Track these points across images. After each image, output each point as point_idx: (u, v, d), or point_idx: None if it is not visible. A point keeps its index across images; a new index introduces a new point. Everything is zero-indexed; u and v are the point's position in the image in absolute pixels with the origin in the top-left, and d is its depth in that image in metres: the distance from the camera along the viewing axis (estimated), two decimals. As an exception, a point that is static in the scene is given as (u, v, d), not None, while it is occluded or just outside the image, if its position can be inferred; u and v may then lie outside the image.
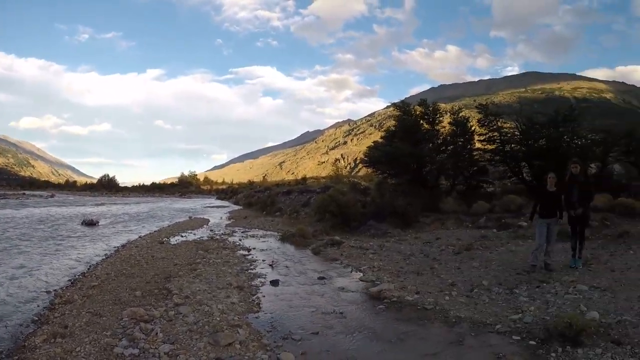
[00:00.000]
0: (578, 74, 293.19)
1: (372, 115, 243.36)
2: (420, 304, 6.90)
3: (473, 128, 23.46)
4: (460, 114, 23.92)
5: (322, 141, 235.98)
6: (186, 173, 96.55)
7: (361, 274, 9.31)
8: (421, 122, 23.49)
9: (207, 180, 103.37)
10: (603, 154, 21.81)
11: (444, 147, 22.95)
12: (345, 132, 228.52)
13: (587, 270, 8.50)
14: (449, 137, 23.19)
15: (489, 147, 22.55)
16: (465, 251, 10.99)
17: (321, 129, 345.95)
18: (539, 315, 6.02)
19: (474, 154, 22.98)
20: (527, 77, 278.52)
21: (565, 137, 20.87)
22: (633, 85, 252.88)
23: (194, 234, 17.19)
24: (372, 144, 25.41)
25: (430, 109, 23.74)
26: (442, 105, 27.13)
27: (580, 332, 5.01)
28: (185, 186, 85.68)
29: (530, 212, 9.32)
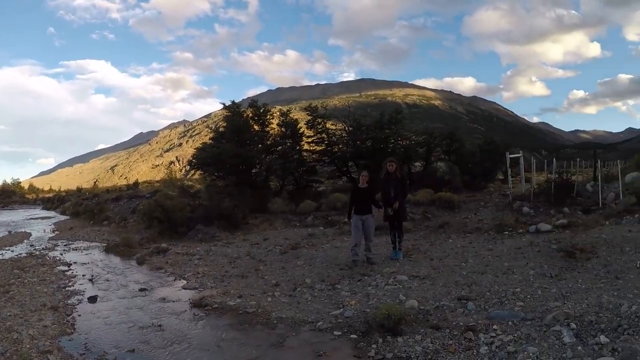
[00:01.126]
0: (410, 82, 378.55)
1: (208, 116, 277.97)
2: (242, 308, 7.98)
3: (302, 130, 28.52)
4: (290, 116, 29.06)
5: (157, 143, 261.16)
6: (8, 180, 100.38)
7: (185, 282, 10.61)
8: (252, 123, 27.43)
9: (32, 188, 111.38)
10: (426, 153, 29.05)
11: (273, 148, 27.24)
12: (180, 134, 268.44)
13: (407, 261, 10.56)
14: (278, 138, 27.82)
15: (318, 148, 28.13)
16: (292, 250, 13.15)
17: (156, 130, 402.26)
18: (359, 309, 7.21)
19: (303, 154, 28.17)
20: (362, 84, 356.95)
21: (390, 138, 27.03)
22: (458, 94, 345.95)
23: (12, 251, 17.85)
24: (201, 146, 28.88)
25: (261, 110, 28.07)
26: (279, 107, 31.87)
27: (399, 321, 6.05)
28: (8, 195, 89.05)
29: (348, 209, 11.18)
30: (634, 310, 5.82)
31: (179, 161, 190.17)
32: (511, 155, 20.83)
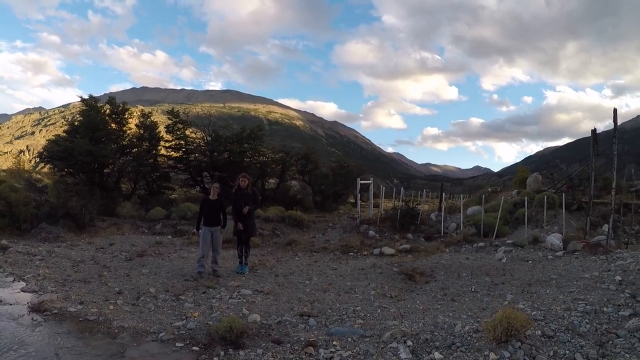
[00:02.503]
0: (274, 100, 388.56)
1: (66, 106, 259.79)
2: (83, 315, 7.53)
3: (161, 134, 28.00)
4: (150, 118, 28.19)
5: (7, 128, 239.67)
6: None
7: (24, 284, 9.85)
8: (109, 120, 26.40)
9: None
10: (281, 171, 30.12)
11: (128, 150, 26.43)
12: (34, 121, 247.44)
13: (253, 276, 10.80)
14: (135, 140, 26.97)
15: (175, 154, 28.02)
16: (138, 258, 13.03)
17: (8, 114, 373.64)
18: (202, 321, 7.14)
19: (159, 159, 27.59)
20: (227, 95, 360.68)
21: (247, 152, 27.72)
22: (320, 118, 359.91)
23: None
24: (54, 138, 27.13)
25: (119, 108, 27.12)
26: (141, 107, 30.55)
27: (241, 334, 6.09)
28: None
29: (197, 220, 11.21)
30: (467, 330, 6.40)
31: (29, 151, 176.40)
32: (362, 181, 22.06)
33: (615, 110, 14.25)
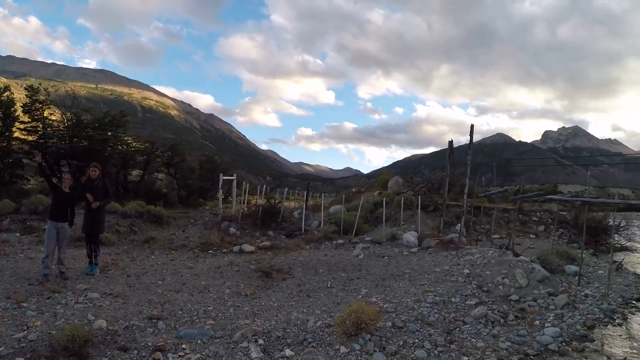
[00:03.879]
0: (151, 85, 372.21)
1: None
2: None
3: (17, 113, 24.52)
4: (7, 93, 24.46)
5: None
6: None
7: None
8: None
9: None
10: (145, 163, 28.34)
11: None
12: None
13: (103, 277, 10.04)
14: None
15: (30, 138, 24.63)
16: None
17: None
18: (45, 331, 6.45)
19: (13, 143, 24.21)
20: (101, 75, 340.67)
21: (109, 141, 25.47)
22: (197, 109, 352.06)
23: None
24: None
25: None
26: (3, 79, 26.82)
27: (85, 343, 5.65)
28: None
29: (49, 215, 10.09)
30: (319, 325, 6.58)
31: None
32: (225, 177, 21.70)
33: (472, 126, 15.62)
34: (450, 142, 16.95)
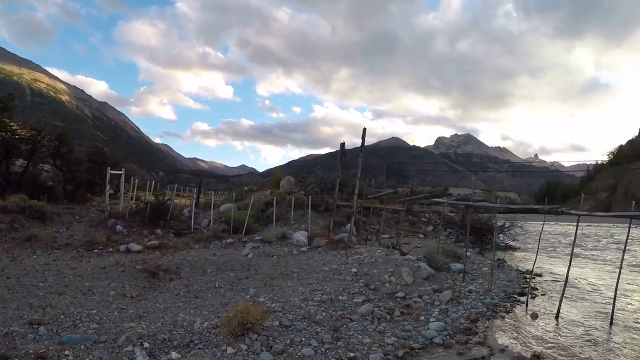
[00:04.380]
0: (43, 66, 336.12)
1: None
2: None
3: None
4: None
5: None
6: None
7: None
8: None
9: None
10: (30, 152, 25.82)
11: None
12: None
13: None
14: None
15: None
16: None
17: None
18: None
19: None
20: None
21: None
22: (90, 96, 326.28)
23: None
24: None
25: None
26: None
27: None
28: None
29: None
30: (205, 326, 6.50)
31: None
32: (113, 171, 20.69)
33: (364, 130, 16.20)
34: (342, 144, 17.47)
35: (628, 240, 8.83)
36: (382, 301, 8.44)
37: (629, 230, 9.21)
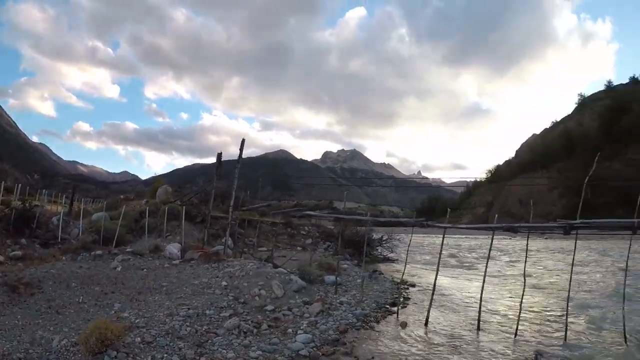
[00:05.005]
0: None
1: None
2: None
3: None
4: None
5: None
6: None
7: None
8: None
9: None
10: None
11: None
12: None
13: None
14: None
15: None
16: None
17: None
18: None
19: None
20: None
21: None
22: None
23: None
24: None
25: None
26: None
27: None
28: None
29: None
30: (64, 344, 6.22)
31: None
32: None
33: (242, 141, 16.50)
34: (219, 154, 17.42)
35: (511, 251, 9.56)
36: (250, 315, 8.47)
37: (492, 241, 10.01)
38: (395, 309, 10.12)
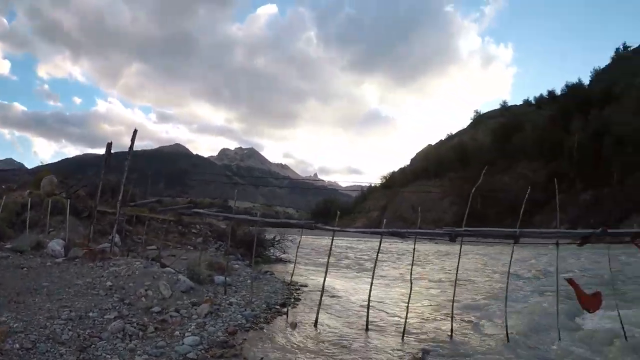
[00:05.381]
0: None
1: None
2: None
3: None
4: None
5: None
6: None
7: None
8: None
9: None
10: None
11: None
12: None
13: None
14: None
15: None
16: None
17: None
18: None
19: None
20: None
21: None
22: None
23: None
24: None
25: None
26: None
27: None
28: None
29: None
30: None
31: None
32: None
33: (134, 132, 16.12)
34: (109, 144, 16.82)
35: (403, 254, 10.08)
36: (136, 317, 8.27)
37: (379, 245, 10.55)
38: (285, 309, 10.34)
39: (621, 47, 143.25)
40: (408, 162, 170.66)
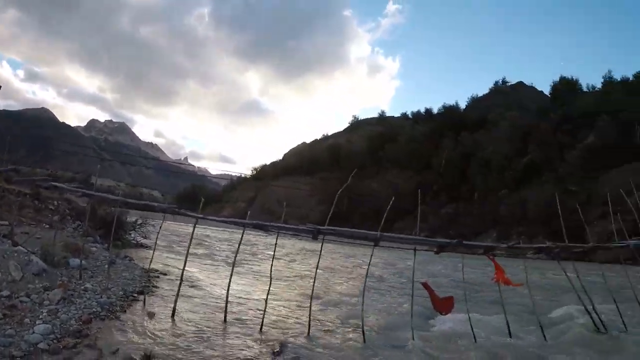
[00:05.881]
0: None
1: None
2: None
3: None
4: None
5: None
6: None
7: None
8: None
9: None
10: None
11: None
12: None
13: None
14: None
15: None
16: None
17: None
18: None
19: None
20: None
21: None
22: None
23: None
24: None
25: None
26: None
27: None
28: None
29: None
30: None
31: None
32: None
33: None
34: None
35: (269, 248, 10.23)
36: (-18, 302, 7.70)
37: (242, 236, 10.74)
38: (143, 298, 10.17)
39: (500, 81, 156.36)
40: (281, 157, 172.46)
